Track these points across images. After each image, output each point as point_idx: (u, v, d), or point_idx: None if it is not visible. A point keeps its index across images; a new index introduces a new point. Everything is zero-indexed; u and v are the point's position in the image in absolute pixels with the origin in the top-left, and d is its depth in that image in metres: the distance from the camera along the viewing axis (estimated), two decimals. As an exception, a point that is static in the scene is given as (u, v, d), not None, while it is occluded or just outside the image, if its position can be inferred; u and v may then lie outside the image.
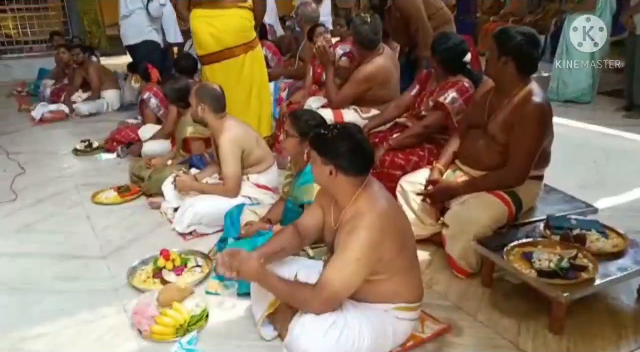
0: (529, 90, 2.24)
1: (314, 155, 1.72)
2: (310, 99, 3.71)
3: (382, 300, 1.72)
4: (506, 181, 2.30)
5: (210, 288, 2.33)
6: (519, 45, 2.21)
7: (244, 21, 3.56)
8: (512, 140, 2.25)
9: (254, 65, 3.68)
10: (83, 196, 3.55)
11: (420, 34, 3.71)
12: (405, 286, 1.73)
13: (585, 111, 5.20)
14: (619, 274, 1.96)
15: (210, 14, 3.50)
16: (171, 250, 2.51)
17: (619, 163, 3.77)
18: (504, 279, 2.30)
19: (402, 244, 1.71)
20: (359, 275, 1.62)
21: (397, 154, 2.82)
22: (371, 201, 1.68)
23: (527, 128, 2.20)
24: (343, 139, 1.67)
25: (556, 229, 2.20)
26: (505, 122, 2.27)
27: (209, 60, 3.62)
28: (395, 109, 3.08)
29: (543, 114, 2.21)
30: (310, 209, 1.95)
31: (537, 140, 2.22)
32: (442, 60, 2.82)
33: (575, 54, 5.29)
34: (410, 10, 3.69)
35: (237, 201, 2.81)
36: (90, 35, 10.37)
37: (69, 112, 5.88)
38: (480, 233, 2.23)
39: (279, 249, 1.88)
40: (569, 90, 5.47)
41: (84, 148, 4.54)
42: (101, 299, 2.33)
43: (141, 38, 5.05)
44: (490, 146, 2.34)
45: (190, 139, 3.42)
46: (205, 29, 3.52)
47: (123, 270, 2.51)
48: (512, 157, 2.25)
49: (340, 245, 1.65)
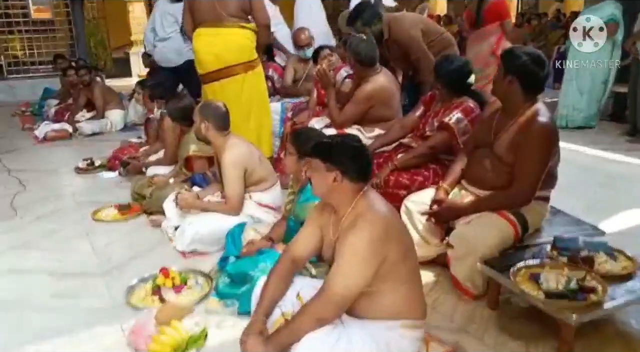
0: (535, 110, 2.24)
1: (315, 164, 1.71)
2: (314, 120, 3.71)
3: (386, 317, 1.68)
4: (513, 200, 2.27)
5: (210, 306, 2.29)
6: (523, 65, 2.22)
7: (245, 41, 3.57)
8: (518, 160, 2.23)
9: (253, 85, 3.68)
10: (83, 214, 3.52)
11: (421, 62, 3.71)
12: (409, 300, 1.70)
13: (589, 135, 5.20)
14: (629, 297, 1.91)
15: (212, 32, 3.53)
16: (171, 268, 2.48)
17: (624, 188, 3.76)
18: (511, 301, 2.26)
19: (406, 249, 1.69)
20: (363, 274, 1.60)
21: (402, 174, 2.80)
22: (371, 204, 1.69)
23: (533, 148, 2.19)
24: (347, 145, 1.71)
25: (563, 250, 2.16)
26: (511, 142, 2.26)
27: (209, 79, 3.62)
28: (400, 129, 3.07)
29: (549, 134, 2.20)
30: (305, 231, 1.91)
31: (543, 160, 2.21)
32: (447, 82, 2.82)
33: (589, 76, 5.28)
34: (408, 41, 3.67)
35: (239, 220, 2.78)
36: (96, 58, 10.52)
37: (72, 131, 5.91)
38: (486, 254, 2.19)
39: (277, 299, 1.82)
40: (582, 116, 5.42)
41: (85, 166, 4.54)
42: (99, 317, 2.28)
43: (183, 58, 5.13)
44: (496, 166, 2.32)
45: (193, 157, 3.40)
46: (206, 47, 3.55)
47: (122, 288, 2.47)
48: (519, 177, 2.23)
49: (342, 247, 1.63)
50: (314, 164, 1.73)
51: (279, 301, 1.82)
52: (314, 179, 1.75)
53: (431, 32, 3.82)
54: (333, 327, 1.64)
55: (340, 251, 1.63)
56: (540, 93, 2.32)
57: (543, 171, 2.22)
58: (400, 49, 3.66)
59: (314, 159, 1.72)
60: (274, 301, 1.80)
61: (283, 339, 1.63)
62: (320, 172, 1.70)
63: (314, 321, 1.61)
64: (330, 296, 1.60)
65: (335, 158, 1.68)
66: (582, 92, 5.39)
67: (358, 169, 1.69)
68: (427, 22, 4.09)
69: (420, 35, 3.70)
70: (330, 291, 1.60)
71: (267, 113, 3.93)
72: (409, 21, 3.80)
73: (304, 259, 1.91)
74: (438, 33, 3.89)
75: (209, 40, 3.54)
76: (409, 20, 3.83)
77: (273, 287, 1.82)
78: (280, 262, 1.88)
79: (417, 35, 3.68)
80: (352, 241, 1.60)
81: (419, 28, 3.72)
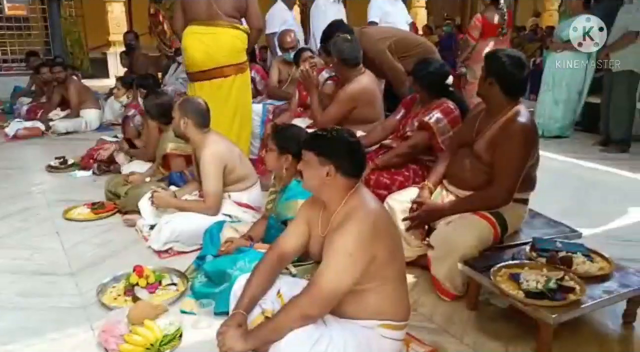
0: (516, 111, 2.26)
1: (309, 157, 1.67)
2: (296, 121, 3.68)
3: (368, 316, 1.65)
4: (492, 200, 2.28)
5: (185, 306, 2.22)
6: (503, 67, 2.25)
7: (237, 41, 3.55)
8: (496, 160, 2.25)
9: (241, 89, 3.66)
10: (54, 212, 3.41)
11: (390, 75, 3.71)
12: (393, 300, 1.67)
13: (564, 144, 5.32)
14: (606, 297, 1.93)
15: (204, 30, 3.49)
16: (145, 266, 2.40)
17: (597, 194, 3.84)
18: (490, 302, 2.27)
19: (394, 248, 1.66)
20: (352, 272, 1.56)
21: (383, 174, 2.80)
22: (362, 200, 1.65)
23: (511, 147, 2.20)
24: (342, 139, 1.66)
25: (542, 251, 2.18)
26: (490, 141, 2.28)
27: (198, 77, 3.58)
28: (381, 131, 3.08)
29: (527, 134, 2.22)
30: (293, 227, 1.87)
31: (521, 159, 2.22)
32: (425, 84, 2.85)
33: (565, 87, 5.42)
34: (375, 54, 3.63)
35: (217, 219, 2.73)
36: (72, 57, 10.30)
37: (45, 129, 5.76)
38: (466, 254, 2.19)
39: (258, 296, 1.77)
40: (557, 126, 5.56)
41: (58, 165, 4.42)
42: (68, 317, 2.20)
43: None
44: (475, 166, 2.34)
45: (170, 155, 3.33)
46: (197, 45, 3.50)
47: (93, 287, 2.38)
48: (497, 176, 2.25)
49: (331, 243, 1.59)
50: (307, 157, 1.68)
51: (260, 298, 1.77)
52: (305, 173, 1.71)
53: (407, 45, 3.79)
54: (315, 327, 1.60)
55: (330, 247, 1.59)
56: (522, 95, 2.35)
57: (521, 170, 2.23)
58: (370, 61, 3.65)
59: (308, 152, 1.68)
60: (255, 297, 1.75)
61: (264, 334, 1.58)
62: (313, 165, 1.66)
63: (299, 318, 1.56)
64: (318, 292, 1.56)
65: (330, 152, 1.64)
66: (557, 102, 5.52)
67: (352, 164, 1.66)
68: (401, 34, 4.04)
69: (385, 48, 3.66)
70: (318, 288, 1.56)
71: (249, 116, 3.91)
72: (377, 34, 3.79)
73: (291, 254, 1.85)
74: (416, 43, 3.89)
75: (201, 39, 3.50)
76: (377, 34, 3.82)
77: (256, 283, 1.76)
78: (267, 258, 1.83)
79: (383, 48, 3.65)
80: (342, 238, 1.57)
81: (388, 42, 3.69)
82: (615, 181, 4.14)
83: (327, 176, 1.64)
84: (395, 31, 4.17)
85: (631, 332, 2.09)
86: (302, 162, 1.71)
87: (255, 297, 1.76)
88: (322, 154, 1.64)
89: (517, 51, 2.43)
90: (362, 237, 1.56)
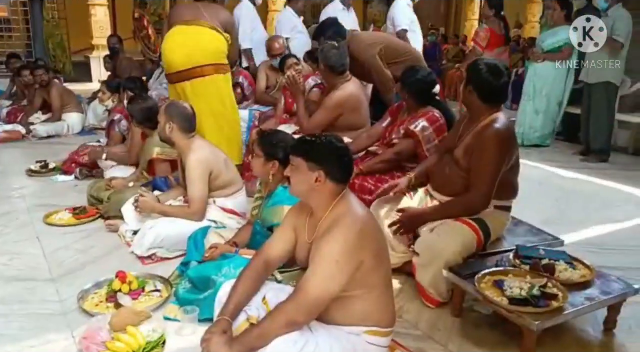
0: (492, 119, 2.30)
1: (297, 163, 1.66)
2: (282, 127, 3.68)
3: (354, 322, 1.65)
4: (469, 205, 2.31)
5: (168, 313, 2.19)
6: (480, 75, 2.29)
7: (217, 42, 3.53)
8: (472, 166, 2.29)
9: (224, 89, 3.63)
10: (34, 217, 3.35)
11: (377, 80, 3.75)
12: (379, 306, 1.67)
13: (545, 154, 5.39)
14: (587, 304, 1.96)
15: (184, 30, 3.48)
16: (128, 272, 2.37)
17: (578, 202, 3.90)
18: (474, 308, 2.29)
19: (381, 255, 1.66)
20: (339, 279, 1.55)
21: (367, 179, 2.83)
22: (349, 207, 1.65)
23: (485, 152, 2.24)
24: (332, 145, 1.66)
25: (525, 258, 2.21)
26: (466, 148, 2.32)
27: (177, 78, 3.54)
28: (367, 138, 3.10)
29: (501, 139, 2.25)
30: (280, 233, 1.87)
31: (495, 165, 2.24)
32: (412, 92, 2.88)
33: (545, 97, 5.52)
34: (364, 59, 3.67)
35: (202, 224, 2.71)
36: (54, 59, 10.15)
37: (25, 132, 5.65)
38: (450, 261, 2.21)
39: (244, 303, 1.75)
40: (537, 135, 5.65)
41: (39, 168, 4.33)
42: (48, 323, 2.15)
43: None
44: (454, 171, 2.38)
45: (156, 160, 3.30)
46: (175, 46, 3.48)
47: (74, 293, 2.34)
48: (473, 181, 2.29)
49: (318, 250, 1.59)
50: (295, 162, 1.67)
51: (246, 305, 1.76)
52: (293, 178, 1.70)
53: (395, 51, 3.84)
54: (301, 333, 1.59)
55: (317, 254, 1.58)
56: (501, 102, 2.38)
57: (496, 176, 2.26)
58: (358, 66, 3.68)
59: (296, 158, 1.67)
60: (240, 304, 1.73)
61: (250, 341, 1.56)
62: (302, 171, 1.65)
63: (285, 324, 1.55)
64: (304, 299, 1.55)
65: (320, 157, 1.63)
66: (538, 112, 5.62)
67: (341, 169, 1.65)
68: (391, 41, 4.09)
69: (376, 53, 3.70)
70: (305, 294, 1.55)
71: (237, 118, 3.89)
72: (368, 39, 3.83)
73: (277, 260, 1.84)
74: (403, 51, 3.94)
75: (180, 39, 3.49)
76: (368, 39, 3.86)
77: (241, 290, 1.74)
78: (252, 264, 1.81)
79: (373, 54, 3.69)
80: (329, 245, 1.56)
81: (379, 47, 3.72)
82: (595, 190, 4.22)
83: (316, 181, 1.63)
84: (385, 37, 4.22)
85: (612, 339, 2.12)
86: (291, 167, 1.70)
87: (241, 304, 1.74)
88: (311, 160, 1.64)
89: (497, 60, 2.47)
90: (348, 243, 1.56)
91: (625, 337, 2.12)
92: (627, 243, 3.10)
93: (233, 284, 1.77)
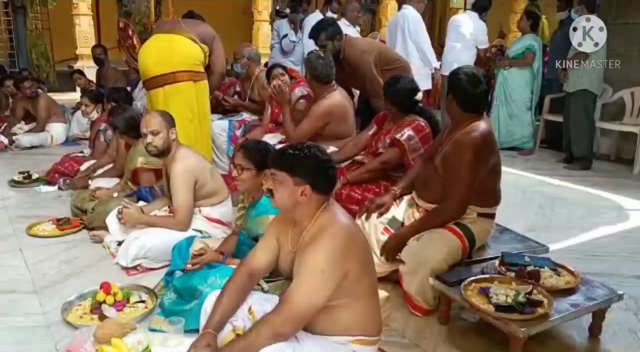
0: (471, 126, 2.31)
1: (282, 178, 1.63)
2: (267, 136, 3.69)
3: (340, 332, 1.64)
4: (446, 212, 2.33)
5: (154, 324, 2.17)
6: (458, 83, 2.32)
7: (193, 51, 3.52)
8: (447, 173, 2.31)
9: (199, 97, 3.61)
10: (17, 229, 3.29)
11: (370, 86, 3.77)
12: (366, 316, 1.66)
13: (529, 162, 5.46)
14: (573, 310, 1.98)
15: (162, 37, 3.53)
16: (113, 283, 2.34)
17: (562, 210, 3.94)
18: (461, 316, 2.29)
19: (366, 264, 1.66)
20: (325, 289, 1.54)
21: (354, 189, 2.83)
22: (333, 216, 1.64)
23: (459, 157, 2.26)
24: (315, 157, 1.63)
25: (511, 265, 2.23)
26: (444, 155, 2.35)
27: (152, 85, 3.53)
28: (353, 147, 3.12)
29: (475, 147, 2.26)
30: (263, 243, 1.85)
31: (469, 172, 2.25)
32: (395, 101, 2.91)
33: (514, 103, 5.74)
34: (360, 64, 3.70)
35: (187, 234, 2.68)
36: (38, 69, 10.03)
37: (7, 143, 5.57)
38: (436, 268, 2.22)
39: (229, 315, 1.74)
40: (516, 137, 5.83)
41: (22, 179, 4.27)
42: (30, 336, 2.12)
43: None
44: (434, 178, 2.40)
45: (140, 169, 3.27)
46: (151, 50, 3.50)
47: (57, 306, 2.30)
48: (447, 188, 2.31)
49: (303, 260, 1.58)
50: (279, 177, 1.63)
51: (231, 316, 1.74)
52: (277, 193, 1.65)
53: (387, 59, 3.89)
54: (287, 343, 1.58)
55: (302, 264, 1.57)
56: (481, 110, 2.37)
57: (471, 183, 2.27)
58: (353, 71, 3.71)
59: (280, 172, 1.63)
60: (226, 315, 1.71)
61: None
62: (287, 186, 1.61)
63: (271, 336, 1.53)
64: (290, 310, 1.54)
65: (305, 172, 1.60)
66: (511, 116, 5.81)
67: (326, 181, 1.64)
68: (383, 49, 4.15)
69: (372, 60, 3.74)
70: (290, 305, 1.53)
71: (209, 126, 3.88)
72: (365, 45, 3.87)
73: (261, 271, 1.83)
74: (394, 59, 3.98)
75: (155, 44, 3.52)
76: (365, 45, 3.89)
77: (226, 302, 1.73)
78: (236, 276, 1.79)
79: (369, 60, 3.72)
80: (314, 255, 1.55)
81: (374, 54, 3.77)
82: (579, 197, 4.27)
83: (301, 195, 1.61)
84: (378, 44, 4.28)
85: (597, 345, 2.14)
86: (274, 181, 1.65)
87: (226, 316, 1.73)
88: (297, 175, 1.60)
89: (476, 68, 2.50)
90: (334, 253, 1.55)
91: (610, 343, 2.14)
92: (611, 249, 3.14)
93: (218, 296, 1.75)
